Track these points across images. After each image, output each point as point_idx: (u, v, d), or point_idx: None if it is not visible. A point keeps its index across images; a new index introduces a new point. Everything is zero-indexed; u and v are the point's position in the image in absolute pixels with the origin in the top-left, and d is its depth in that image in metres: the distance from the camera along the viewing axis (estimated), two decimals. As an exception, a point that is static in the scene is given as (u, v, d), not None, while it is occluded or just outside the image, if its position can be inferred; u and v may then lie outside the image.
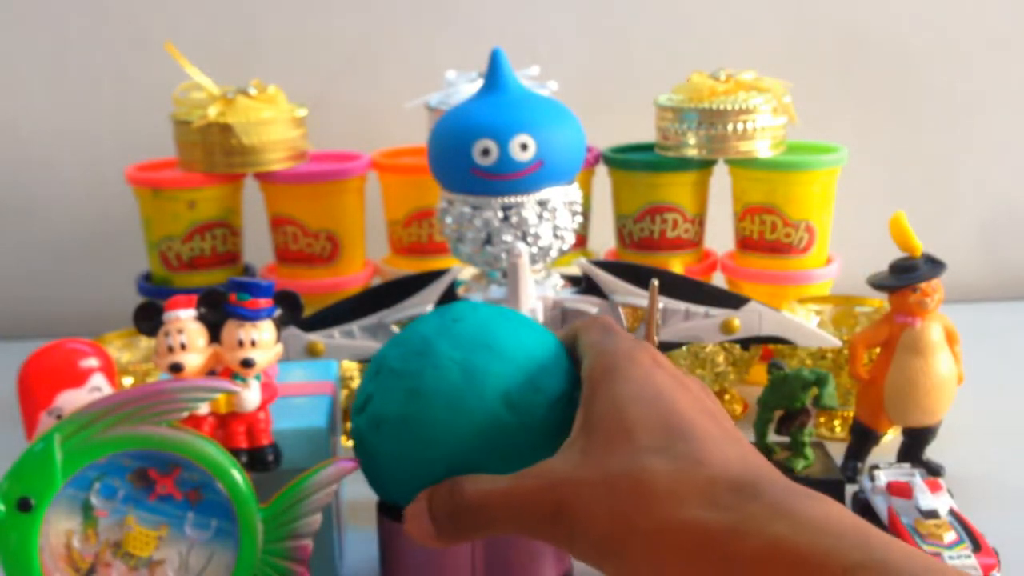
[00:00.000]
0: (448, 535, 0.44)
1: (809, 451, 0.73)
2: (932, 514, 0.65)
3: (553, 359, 0.47)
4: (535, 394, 0.45)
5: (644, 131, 1.00)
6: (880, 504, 0.68)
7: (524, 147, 0.69)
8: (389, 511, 0.58)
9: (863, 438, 0.77)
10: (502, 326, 0.47)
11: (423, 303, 0.74)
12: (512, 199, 0.70)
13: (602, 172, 1.01)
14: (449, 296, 0.75)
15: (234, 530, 0.53)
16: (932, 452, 0.77)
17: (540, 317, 0.72)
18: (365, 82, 1.15)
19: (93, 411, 0.52)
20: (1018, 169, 1.20)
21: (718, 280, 0.97)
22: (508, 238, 0.71)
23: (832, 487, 0.71)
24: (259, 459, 0.59)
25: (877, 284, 0.74)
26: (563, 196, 0.72)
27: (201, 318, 0.61)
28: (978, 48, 1.16)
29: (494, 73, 0.73)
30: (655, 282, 0.61)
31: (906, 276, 0.73)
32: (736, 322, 0.73)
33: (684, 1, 1.14)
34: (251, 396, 0.60)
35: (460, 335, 0.46)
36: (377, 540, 0.59)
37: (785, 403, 0.73)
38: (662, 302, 0.73)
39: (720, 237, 1.03)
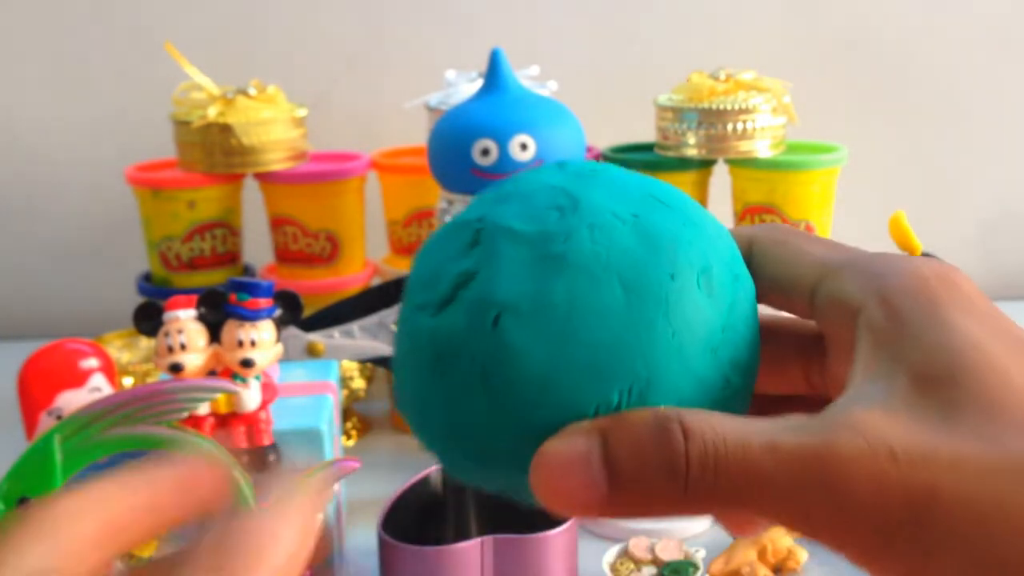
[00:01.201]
0: (643, 501, 0.25)
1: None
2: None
3: (728, 233, 0.31)
4: (735, 283, 0.28)
5: (644, 131, 1.00)
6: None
7: (524, 147, 0.69)
8: (392, 530, 0.57)
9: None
10: (653, 180, 0.30)
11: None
12: (512, 199, 0.70)
13: (602, 172, 1.00)
14: None
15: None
16: (932, 452, 0.76)
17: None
18: (365, 82, 1.15)
19: (93, 411, 0.52)
20: (1018, 169, 1.20)
21: (718, 280, 0.97)
22: (508, 238, 0.71)
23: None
24: (259, 459, 0.59)
25: (877, 284, 0.74)
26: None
27: (201, 318, 0.62)
28: (978, 48, 1.16)
29: (494, 73, 0.73)
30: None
31: (906, 276, 0.73)
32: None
33: (684, 1, 1.14)
34: (251, 396, 0.60)
35: (612, 185, 0.29)
36: (377, 555, 0.59)
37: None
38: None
39: (720, 237, 1.03)
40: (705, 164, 0.95)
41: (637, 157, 0.97)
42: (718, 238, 0.29)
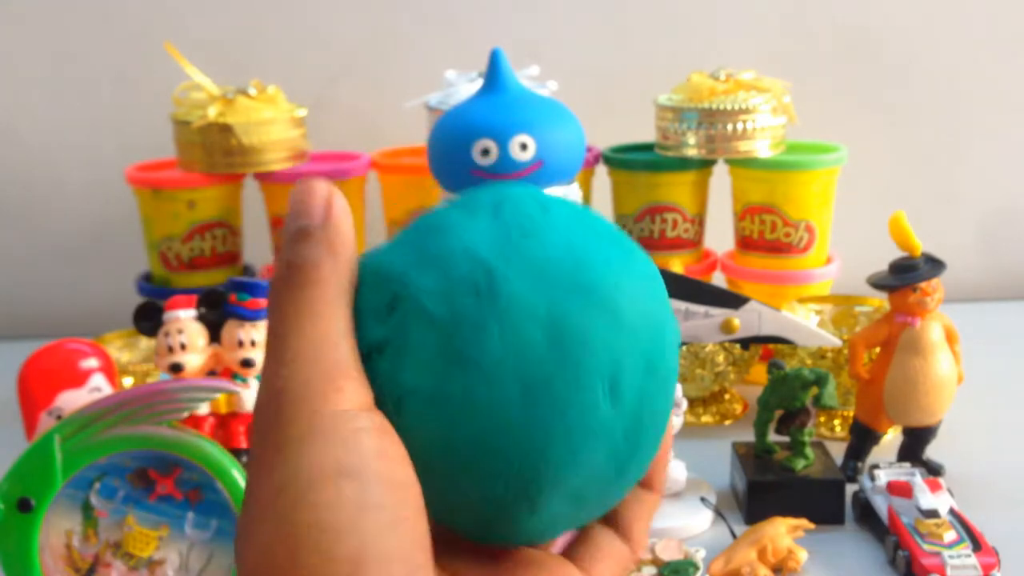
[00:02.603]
0: None
1: (809, 451, 0.73)
2: (932, 513, 0.65)
3: (664, 311, 0.29)
4: (648, 377, 0.28)
5: (644, 131, 1.00)
6: (880, 504, 0.68)
7: (524, 147, 0.69)
8: None
9: (863, 438, 0.77)
10: (593, 244, 0.29)
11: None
12: (512, 199, 0.70)
13: (602, 172, 1.01)
14: None
15: (234, 530, 0.53)
16: (932, 451, 0.77)
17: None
18: (365, 82, 1.15)
19: (93, 411, 0.52)
20: (1018, 169, 1.20)
21: (718, 280, 0.97)
22: (508, 238, 0.71)
23: (832, 487, 0.71)
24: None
25: (877, 284, 0.74)
26: (563, 196, 0.72)
27: (201, 318, 0.62)
28: (977, 48, 1.16)
29: (494, 73, 0.73)
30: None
31: (906, 276, 0.73)
32: (736, 322, 0.73)
33: (684, 1, 1.14)
34: (251, 396, 0.60)
35: (540, 263, 0.28)
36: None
37: (785, 403, 0.73)
38: (662, 302, 0.73)
39: (720, 237, 1.03)
40: (705, 164, 0.95)
41: (637, 157, 0.97)
42: (641, 331, 0.28)
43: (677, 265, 0.93)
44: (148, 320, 0.62)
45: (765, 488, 0.72)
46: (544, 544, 0.31)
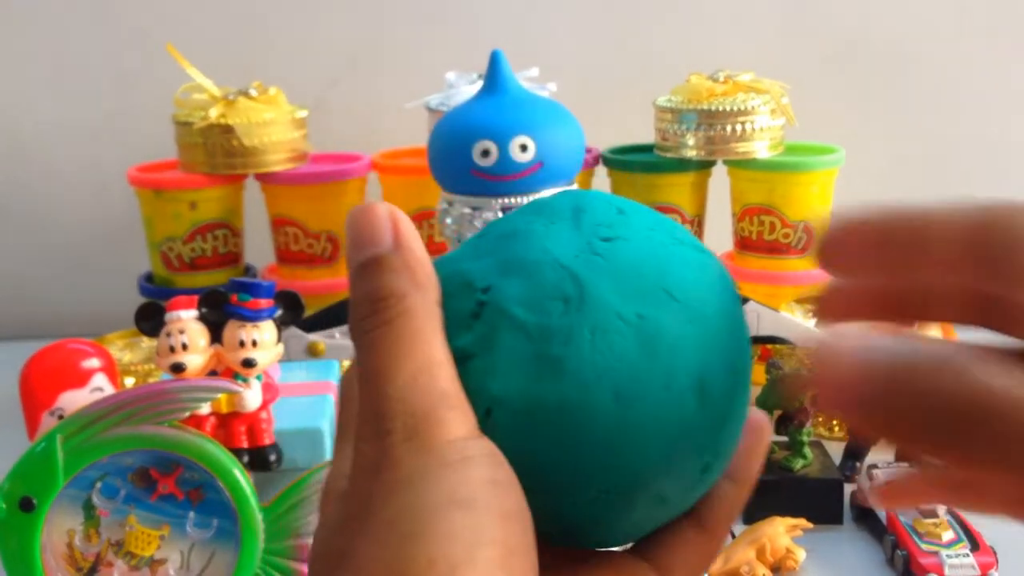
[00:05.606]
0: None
1: (808, 450, 0.73)
2: (930, 513, 0.66)
3: (739, 312, 0.30)
4: (731, 377, 0.28)
5: (643, 132, 1.00)
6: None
7: (524, 148, 0.70)
8: None
9: (861, 437, 0.77)
10: (672, 248, 0.29)
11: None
12: (512, 200, 0.71)
13: (601, 173, 1.01)
14: None
15: (235, 529, 0.54)
16: (930, 452, 0.77)
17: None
18: (366, 83, 1.15)
19: (95, 411, 0.52)
20: (1016, 169, 1.21)
21: (717, 280, 0.97)
22: (508, 239, 0.71)
23: (831, 486, 0.72)
24: (260, 459, 0.60)
25: (875, 284, 0.75)
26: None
27: (202, 318, 0.62)
28: (976, 48, 1.17)
29: (494, 74, 0.73)
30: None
31: (904, 276, 0.73)
32: (735, 322, 0.73)
33: (683, 2, 1.15)
34: (252, 396, 0.60)
35: (624, 269, 0.28)
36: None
37: (783, 403, 0.74)
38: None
39: (719, 238, 1.03)
40: (704, 165, 0.96)
41: (637, 158, 0.97)
42: (723, 331, 0.28)
43: (676, 266, 0.93)
44: (150, 320, 0.63)
45: (763, 488, 0.71)
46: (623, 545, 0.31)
